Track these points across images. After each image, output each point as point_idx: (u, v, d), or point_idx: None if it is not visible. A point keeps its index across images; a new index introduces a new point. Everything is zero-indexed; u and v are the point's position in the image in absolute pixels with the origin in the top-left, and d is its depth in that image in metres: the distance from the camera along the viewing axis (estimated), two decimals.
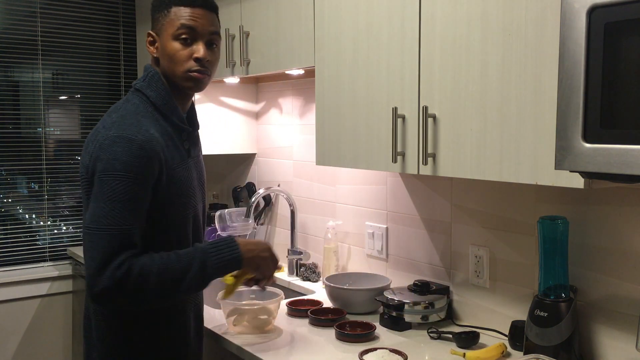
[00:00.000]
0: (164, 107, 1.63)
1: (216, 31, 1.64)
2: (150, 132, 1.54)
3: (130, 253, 1.47)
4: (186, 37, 1.59)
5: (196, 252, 1.56)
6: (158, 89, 1.63)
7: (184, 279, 1.52)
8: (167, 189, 1.57)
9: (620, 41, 1.11)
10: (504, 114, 1.48)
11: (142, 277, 1.47)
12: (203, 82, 1.63)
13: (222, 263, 1.57)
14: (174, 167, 1.59)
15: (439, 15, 1.62)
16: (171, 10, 1.60)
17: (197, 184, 1.71)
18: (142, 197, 1.51)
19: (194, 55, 1.60)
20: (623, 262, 1.62)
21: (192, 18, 1.58)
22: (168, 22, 1.60)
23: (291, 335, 1.97)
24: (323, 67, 2.03)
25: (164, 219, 1.58)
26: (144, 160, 1.49)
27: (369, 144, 1.86)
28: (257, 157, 3.09)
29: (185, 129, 1.67)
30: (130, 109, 1.59)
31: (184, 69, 1.60)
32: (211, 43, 1.63)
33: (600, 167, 1.15)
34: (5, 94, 3.19)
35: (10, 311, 3.10)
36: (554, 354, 1.62)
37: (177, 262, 1.53)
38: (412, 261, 2.24)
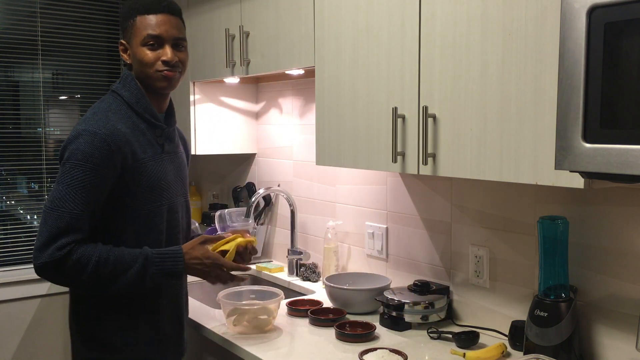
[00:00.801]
0: (137, 105, 1.75)
1: (180, 36, 1.75)
2: (116, 127, 1.66)
3: (74, 237, 1.59)
4: (153, 42, 1.71)
5: (140, 256, 1.65)
6: (131, 89, 1.76)
7: (120, 278, 1.63)
8: (136, 181, 1.69)
9: (620, 41, 1.11)
10: (504, 114, 1.48)
11: (80, 264, 1.59)
12: (174, 79, 1.76)
13: (162, 273, 1.67)
14: (144, 161, 1.71)
15: (439, 15, 1.62)
16: (136, 19, 1.72)
17: (173, 178, 1.81)
18: (97, 186, 1.62)
19: (161, 59, 1.72)
20: (623, 262, 1.62)
21: (156, 25, 1.71)
22: (135, 30, 1.73)
23: (291, 335, 1.97)
24: (323, 67, 2.03)
25: (134, 210, 1.70)
26: (104, 152, 1.62)
27: (369, 144, 1.86)
28: (257, 157, 3.09)
29: (159, 126, 1.78)
30: (102, 107, 1.73)
31: (154, 70, 1.73)
32: (177, 45, 1.75)
33: (600, 167, 1.15)
34: (5, 94, 3.19)
35: (10, 311, 3.10)
36: (554, 354, 1.62)
37: (118, 260, 1.63)
38: (412, 261, 2.24)
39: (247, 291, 2.21)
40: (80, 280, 1.62)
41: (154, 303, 1.78)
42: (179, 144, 1.92)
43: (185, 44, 1.78)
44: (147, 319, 1.77)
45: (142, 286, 1.67)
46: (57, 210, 1.59)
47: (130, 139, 1.68)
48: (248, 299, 2.15)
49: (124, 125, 1.70)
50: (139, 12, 1.71)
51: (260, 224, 2.98)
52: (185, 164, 1.93)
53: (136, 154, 1.69)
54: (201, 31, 2.74)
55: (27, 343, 3.16)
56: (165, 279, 1.69)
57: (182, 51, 1.76)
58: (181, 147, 1.94)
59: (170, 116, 1.86)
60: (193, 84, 2.85)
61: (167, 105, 1.85)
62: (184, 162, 1.92)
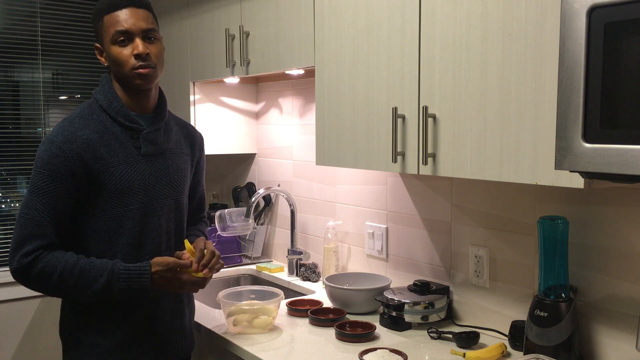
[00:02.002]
0: (109, 108, 1.73)
1: (148, 27, 1.71)
2: (76, 134, 1.67)
3: (39, 243, 1.62)
4: (123, 39, 1.69)
5: (106, 270, 1.64)
6: (105, 92, 1.75)
7: (86, 290, 1.64)
8: (104, 185, 1.68)
9: (620, 41, 1.11)
10: (504, 114, 1.48)
11: (45, 273, 1.62)
12: (150, 75, 1.71)
13: (128, 289, 1.66)
14: (113, 164, 1.69)
15: (439, 15, 1.62)
16: (104, 19, 1.71)
17: (155, 180, 1.76)
18: (58, 193, 1.63)
19: (134, 52, 1.69)
20: (623, 262, 1.62)
21: (123, 21, 1.68)
22: (104, 31, 1.71)
23: (291, 335, 1.97)
24: (323, 67, 2.03)
25: (103, 213, 1.69)
26: (60, 159, 1.63)
27: (369, 144, 1.86)
28: (257, 157, 3.09)
29: (134, 128, 1.74)
30: (75, 113, 1.74)
31: (129, 68, 1.69)
32: (148, 37, 1.72)
33: (600, 167, 1.15)
34: (5, 94, 3.19)
35: (10, 311, 3.10)
36: (554, 354, 1.62)
37: (82, 272, 1.63)
38: (412, 261, 2.24)
39: (247, 291, 2.21)
40: (47, 289, 1.66)
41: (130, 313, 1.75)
42: (182, 144, 1.89)
43: (156, 35, 1.74)
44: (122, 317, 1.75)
45: (111, 299, 1.67)
46: (23, 218, 1.64)
47: (95, 144, 1.67)
48: (248, 299, 2.15)
49: (91, 130, 1.69)
50: (105, 11, 1.70)
51: (260, 224, 2.98)
52: (185, 165, 1.88)
53: (103, 158, 1.67)
54: (201, 31, 2.74)
55: (27, 343, 3.16)
56: (132, 295, 1.67)
57: (153, 43, 1.72)
58: (186, 147, 1.90)
59: (158, 116, 1.81)
60: (193, 84, 2.85)
61: (155, 104, 1.82)
62: (182, 163, 1.87)
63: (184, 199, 1.88)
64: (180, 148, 1.88)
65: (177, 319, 1.86)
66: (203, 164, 2.03)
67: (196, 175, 1.99)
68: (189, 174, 1.92)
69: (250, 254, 2.96)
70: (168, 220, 1.81)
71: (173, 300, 1.84)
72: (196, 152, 1.96)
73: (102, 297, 1.66)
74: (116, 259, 1.68)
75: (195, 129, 2.02)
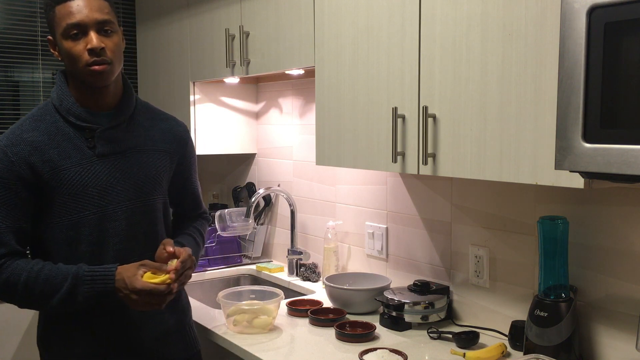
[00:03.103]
0: (60, 107, 1.63)
1: (104, 19, 1.58)
2: (22, 137, 1.58)
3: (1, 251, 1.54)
4: (76, 32, 1.56)
5: (70, 275, 1.55)
6: (57, 90, 1.66)
7: (52, 298, 1.55)
8: (56, 190, 1.59)
9: (620, 41, 1.11)
10: (504, 114, 1.48)
11: (10, 282, 1.54)
12: (105, 72, 1.59)
13: (92, 293, 1.56)
14: (65, 167, 1.59)
15: (439, 15, 1.61)
16: (55, 10, 1.58)
17: (114, 181, 1.65)
18: (9, 199, 1.56)
19: (87, 47, 1.56)
20: (623, 262, 1.62)
21: (75, 12, 1.55)
22: (56, 23, 1.59)
23: (291, 335, 1.97)
24: (323, 67, 2.03)
25: (58, 220, 1.61)
26: (4, 164, 1.56)
27: (369, 144, 1.86)
28: (257, 157, 3.09)
29: (87, 127, 1.63)
30: (28, 114, 1.66)
31: (83, 64, 1.57)
32: (105, 30, 1.59)
33: (600, 167, 1.15)
34: (5, 94, 3.19)
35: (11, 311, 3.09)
36: (554, 354, 1.62)
37: (48, 279, 1.55)
38: (412, 261, 2.24)
39: (247, 291, 2.21)
40: (14, 298, 1.58)
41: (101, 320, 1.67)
42: (155, 140, 1.75)
43: (113, 27, 1.60)
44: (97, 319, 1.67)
45: (76, 305, 1.57)
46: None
47: (43, 147, 1.58)
48: (248, 299, 2.15)
49: (41, 132, 1.60)
50: (56, 2, 1.56)
51: (260, 224, 2.98)
52: (159, 163, 1.74)
53: (52, 161, 1.58)
54: (201, 31, 2.74)
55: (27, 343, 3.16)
56: (97, 299, 1.56)
57: (110, 36, 1.58)
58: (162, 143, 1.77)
59: (119, 112, 1.68)
60: (193, 84, 2.85)
61: (118, 98, 1.69)
62: (154, 161, 1.73)
63: (158, 200, 1.75)
64: (153, 144, 1.74)
65: (155, 325, 1.75)
66: (190, 158, 1.88)
67: (182, 172, 1.85)
68: (166, 172, 1.78)
69: (250, 254, 2.96)
70: (132, 225, 1.67)
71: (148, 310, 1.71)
72: (178, 148, 1.82)
73: (68, 304, 1.56)
74: (81, 263, 1.59)
75: (178, 122, 1.87)
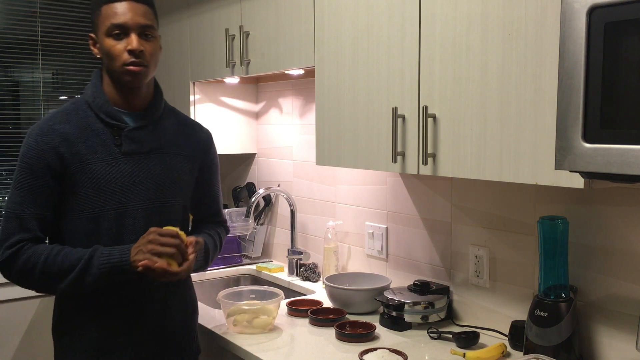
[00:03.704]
0: (93, 104, 1.70)
1: (146, 23, 1.66)
2: (54, 128, 1.65)
3: (21, 236, 1.61)
4: (118, 32, 1.64)
5: (88, 252, 1.61)
6: (91, 88, 1.72)
7: (69, 273, 1.59)
8: (80, 183, 1.65)
9: (620, 41, 1.11)
10: (504, 114, 1.48)
11: (29, 263, 1.60)
12: (140, 74, 1.66)
13: (107, 266, 1.59)
14: (91, 162, 1.65)
15: (439, 15, 1.61)
16: (102, 9, 1.65)
17: (136, 180, 1.69)
18: (35, 186, 1.63)
19: (127, 48, 1.64)
20: (623, 262, 1.62)
21: (121, 13, 1.63)
22: (100, 21, 1.66)
23: (291, 335, 1.97)
24: (323, 67, 2.03)
25: (80, 212, 1.66)
26: (34, 151, 1.63)
27: (369, 144, 1.86)
28: (257, 157, 3.09)
29: (116, 125, 1.69)
30: (61, 107, 1.73)
31: (121, 63, 1.64)
32: (145, 34, 1.67)
33: (600, 167, 1.15)
34: (5, 94, 3.19)
35: (10, 311, 3.10)
36: (554, 354, 1.62)
37: (67, 255, 1.60)
38: (412, 261, 2.24)
39: (247, 291, 2.21)
40: (31, 280, 1.63)
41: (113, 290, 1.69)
42: (179, 144, 1.80)
43: (154, 33, 1.69)
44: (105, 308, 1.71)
45: (90, 279, 1.59)
46: (6, 212, 1.65)
47: (73, 139, 1.64)
48: (248, 299, 2.15)
49: (71, 125, 1.66)
50: (104, 1, 1.65)
51: (260, 224, 2.98)
52: (181, 166, 1.79)
53: (80, 154, 1.64)
54: (201, 31, 2.74)
55: (27, 343, 3.16)
56: (114, 273, 1.59)
57: (150, 41, 1.67)
58: (186, 148, 1.82)
59: (147, 114, 1.74)
60: (193, 84, 2.85)
61: (148, 101, 1.76)
62: (176, 164, 1.78)
63: (177, 202, 1.79)
64: (177, 148, 1.80)
65: (162, 325, 1.77)
66: (212, 165, 1.93)
67: (204, 177, 1.90)
68: (188, 176, 1.82)
69: (250, 254, 2.96)
70: (150, 224, 1.68)
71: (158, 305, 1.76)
72: (201, 153, 1.87)
73: (84, 278, 1.59)
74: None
75: (202, 128, 1.92)
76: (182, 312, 1.84)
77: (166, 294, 1.77)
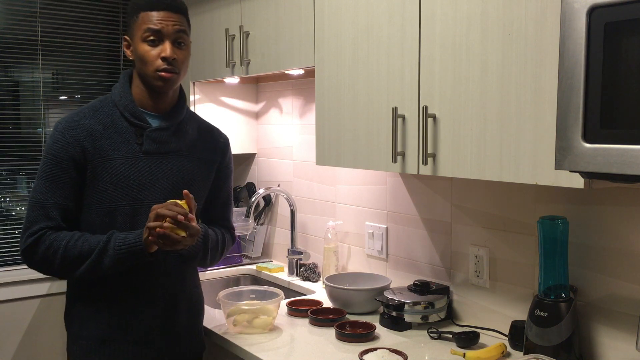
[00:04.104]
0: (119, 103, 1.77)
1: (181, 29, 1.74)
2: (80, 122, 1.73)
3: (44, 224, 1.68)
4: (153, 38, 1.71)
5: (105, 236, 1.68)
6: (119, 88, 1.80)
7: (88, 256, 1.66)
8: (100, 177, 1.71)
9: (620, 41, 1.11)
10: (504, 114, 1.48)
11: (51, 249, 1.67)
12: (171, 80, 1.74)
13: (125, 247, 1.65)
14: (113, 158, 1.72)
15: (439, 15, 1.62)
16: (139, 15, 1.73)
17: (155, 179, 1.76)
18: (60, 177, 1.70)
19: (161, 55, 1.71)
20: (623, 262, 1.62)
21: (158, 21, 1.71)
22: (137, 26, 1.73)
23: (291, 335, 1.97)
24: (323, 67, 2.03)
25: (98, 205, 1.73)
26: (60, 143, 1.70)
27: (369, 143, 1.86)
28: (257, 157, 3.09)
29: (139, 125, 1.76)
30: (88, 104, 1.81)
31: (154, 68, 1.72)
32: (178, 42, 1.74)
33: (600, 167, 1.15)
34: (5, 94, 3.19)
35: (10, 311, 3.10)
36: (554, 354, 1.62)
37: (87, 239, 1.67)
38: (412, 261, 2.24)
39: (247, 291, 2.21)
40: (53, 266, 1.69)
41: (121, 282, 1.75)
42: (198, 148, 1.86)
43: (187, 42, 1.77)
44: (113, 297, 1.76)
45: (107, 260, 1.65)
46: (30, 201, 1.71)
47: (97, 135, 1.72)
48: (248, 299, 2.15)
49: (97, 121, 1.74)
50: (143, 8, 1.72)
51: (260, 224, 2.98)
52: (198, 170, 1.85)
53: (102, 149, 1.71)
54: (201, 31, 2.74)
55: (27, 343, 3.16)
56: (130, 255, 1.65)
57: (182, 49, 1.75)
58: (204, 152, 1.87)
59: (170, 116, 1.81)
60: (193, 84, 2.85)
61: (173, 104, 1.83)
62: (193, 167, 1.84)
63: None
64: (195, 152, 1.86)
65: (168, 319, 1.82)
66: (227, 170, 1.98)
67: (217, 180, 1.94)
68: (204, 179, 1.87)
69: (250, 254, 2.96)
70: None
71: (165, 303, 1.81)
72: (218, 157, 1.92)
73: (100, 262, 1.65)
74: None
75: (220, 134, 1.98)
76: (188, 311, 1.88)
77: (172, 293, 1.82)
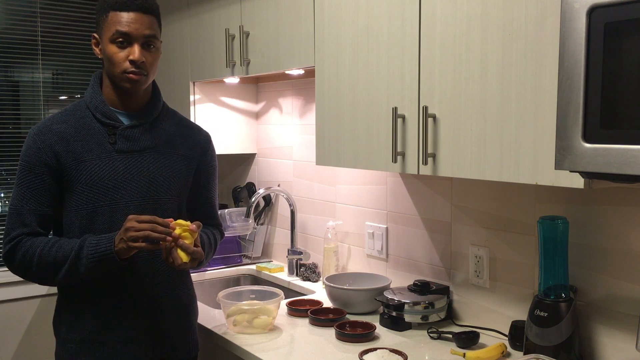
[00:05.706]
0: (90, 104, 1.76)
1: (151, 34, 1.71)
2: (51, 127, 1.72)
3: (21, 230, 1.69)
4: (122, 40, 1.68)
5: (78, 241, 1.65)
6: (90, 90, 1.79)
7: (63, 264, 1.64)
8: (76, 180, 1.70)
9: (620, 41, 1.11)
10: (504, 114, 1.48)
11: (27, 255, 1.67)
12: (139, 82, 1.72)
13: (96, 255, 1.62)
14: (84, 160, 1.71)
15: (439, 15, 1.62)
16: (109, 14, 1.69)
17: (130, 177, 1.73)
18: (34, 183, 1.69)
19: (129, 57, 1.68)
20: (623, 262, 1.62)
21: (127, 23, 1.67)
22: (106, 26, 1.70)
23: (291, 335, 1.97)
24: (323, 67, 2.03)
25: (76, 208, 1.72)
26: (32, 150, 1.70)
27: (369, 144, 1.86)
28: (257, 157, 3.09)
29: (111, 124, 1.75)
30: (63, 109, 1.80)
31: (121, 70, 1.69)
32: (148, 44, 1.71)
33: (600, 167, 1.15)
34: (5, 94, 3.19)
35: (10, 311, 3.10)
36: (554, 354, 1.62)
37: (61, 246, 1.66)
38: (412, 261, 2.24)
39: (247, 291, 2.21)
40: (30, 272, 1.69)
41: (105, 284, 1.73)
42: (175, 144, 1.82)
43: (156, 44, 1.73)
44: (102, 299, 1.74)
45: (81, 269, 1.63)
46: (9, 208, 1.72)
47: (69, 138, 1.71)
48: (248, 299, 2.15)
49: (69, 125, 1.73)
50: (112, 7, 1.68)
51: (260, 224, 2.98)
52: (176, 166, 1.81)
53: (76, 152, 1.70)
54: (201, 31, 2.74)
55: (27, 343, 3.16)
56: (104, 262, 1.61)
57: (151, 52, 1.71)
58: (182, 148, 1.83)
59: (143, 114, 1.78)
60: (193, 84, 2.85)
61: (145, 102, 1.80)
62: (172, 164, 1.80)
63: (171, 200, 1.80)
64: (172, 148, 1.82)
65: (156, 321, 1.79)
66: (209, 167, 1.93)
67: (200, 178, 1.90)
68: (183, 176, 1.83)
69: (250, 254, 2.96)
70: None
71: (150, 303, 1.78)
72: (197, 154, 1.87)
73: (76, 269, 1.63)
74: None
75: (201, 131, 1.93)
76: (176, 312, 1.84)
77: (158, 293, 1.79)
